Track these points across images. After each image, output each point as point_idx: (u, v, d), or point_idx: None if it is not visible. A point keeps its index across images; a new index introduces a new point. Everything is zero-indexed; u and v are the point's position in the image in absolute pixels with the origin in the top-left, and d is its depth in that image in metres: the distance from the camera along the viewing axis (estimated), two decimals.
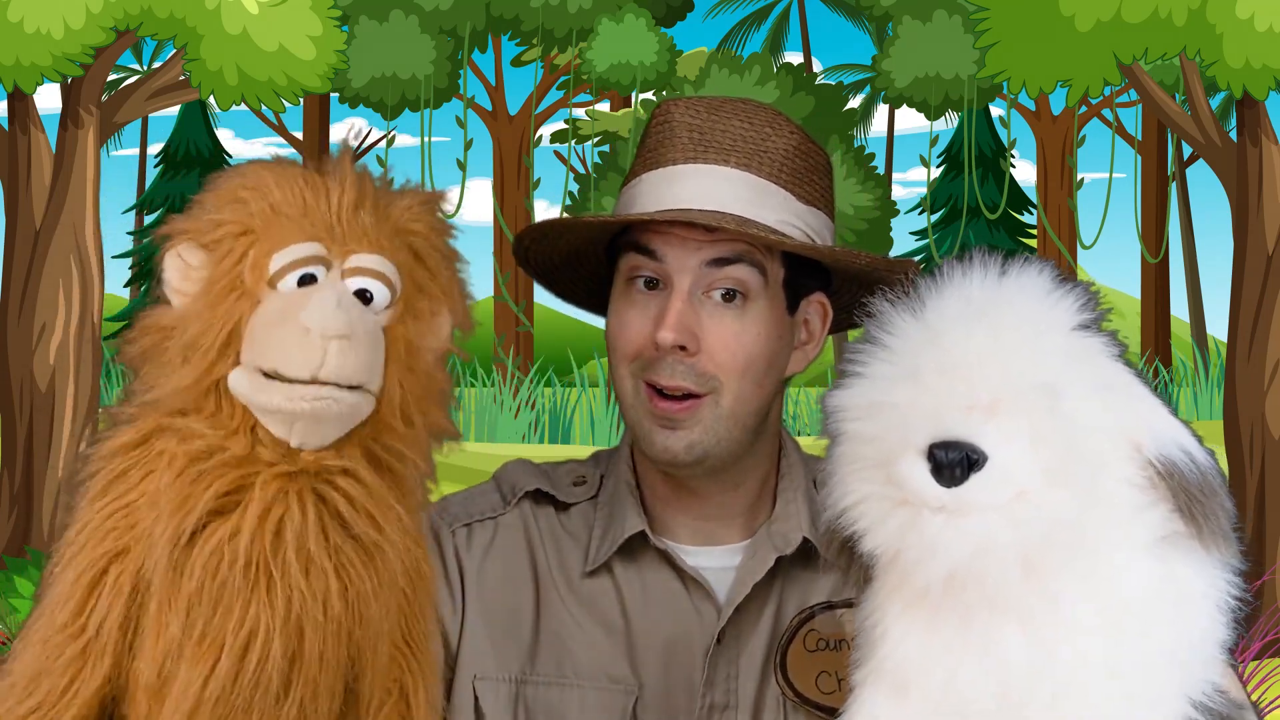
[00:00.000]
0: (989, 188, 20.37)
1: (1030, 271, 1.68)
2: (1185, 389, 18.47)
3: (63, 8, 8.94)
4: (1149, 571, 1.63)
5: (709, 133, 2.08)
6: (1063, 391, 1.59)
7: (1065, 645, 1.59)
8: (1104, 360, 1.65)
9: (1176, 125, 9.71)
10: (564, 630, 2.11)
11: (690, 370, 2.04)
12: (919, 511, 1.57)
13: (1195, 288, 20.87)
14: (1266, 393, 9.12)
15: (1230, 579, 1.67)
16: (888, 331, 1.65)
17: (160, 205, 20.89)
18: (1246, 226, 9.17)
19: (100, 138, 9.81)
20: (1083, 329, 1.66)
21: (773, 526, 2.12)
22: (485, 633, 2.11)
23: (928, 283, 1.67)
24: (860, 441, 1.63)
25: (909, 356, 1.62)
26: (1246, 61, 8.43)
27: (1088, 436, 1.60)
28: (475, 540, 2.15)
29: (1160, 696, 1.62)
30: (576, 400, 17.40)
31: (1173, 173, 19.50)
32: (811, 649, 2.03)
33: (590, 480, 2.19)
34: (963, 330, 1.61)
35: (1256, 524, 9.15)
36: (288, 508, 1.62)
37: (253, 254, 1.67)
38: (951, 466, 1.55)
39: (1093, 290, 1.70)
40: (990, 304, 1.64)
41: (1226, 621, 1.67)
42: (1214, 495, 1.64)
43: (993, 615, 1.60)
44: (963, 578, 1.57)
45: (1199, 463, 1.64)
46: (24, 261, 9.74)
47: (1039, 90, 8.95)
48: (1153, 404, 1.66)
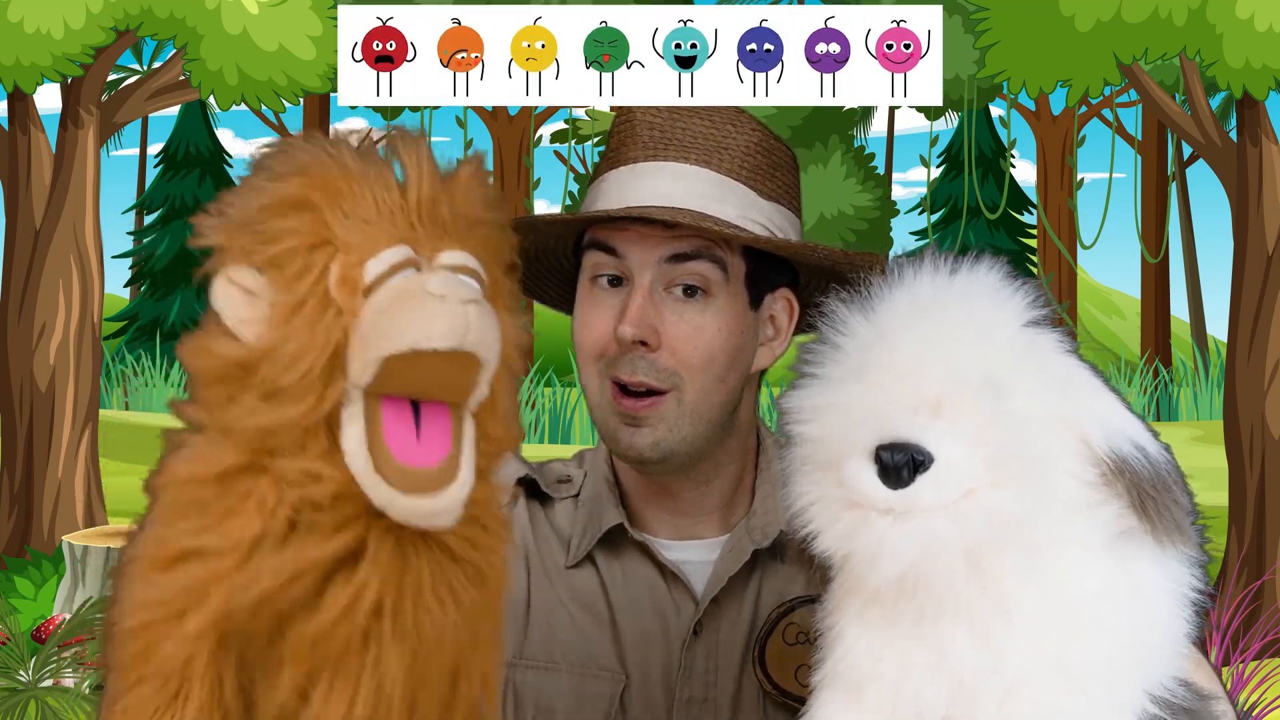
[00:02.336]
0: (989, 188, 20.39)
1: (980, 269, 1.67)
2: (1185, 389, 18.47)
3: (63, 8, 8.95)
4: (1103, 569, 1.62)
5: (669, 131, 2.08)
6: (1010, 388, 1.59)
7: (1014, 646, 1.59)
8: (1055, 355, 1.65)
9: (1176, 125, 9.71)
10: (553, 617, 2.12)
11: (651, 366, 2.05)
12: (867, 514, 1.57)
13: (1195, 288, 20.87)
14: (1266, 393, 9.13)
15: (1191, 571, 1.65)
16: (839, 331, 1.65)
17: (160, 205, 20.90)
18: (1246, 226, 9.17)
19: (100, 138, 9.82)
20: (1033, 325, 1.65)
21: (751, 521, 2.13)
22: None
23: (880, 282, 1.67)
24: (811, 443, 1.63)
25: (857, 356, 1.63)
26: (1246, 61, 8.43)
27: (1035, 433, 1.59)
28: None
29: (1117, 694, 1.62)
30: (576, 400, 17.40)
31: (1173, 173, 19.51)
32: (791, 642, 2.03)
33: (574, 479, 2.20)
34: (908, 329, 1.61)
35: (1256, 524, 9.16)
36: (406, 556, 1.49)
37: (339, 267, 1.48)
38: (898, 469, 1.54)
39: (1042, 286, 1.69)
40: (937, 302, 1.63)
41: (1189, 615, 1.65)
42: (1167, 490, 1.62)
43: (942, 617, 1.59)
44: (912, 579, 1.57)
45: (1151, 457, 1.63)
46: (24, 261, 9.74)
47: (1039, 90, 8.95)
48: (1106, 398, 1.66)
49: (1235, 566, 9.01)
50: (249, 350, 1.48)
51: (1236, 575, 8.96)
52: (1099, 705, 1.61)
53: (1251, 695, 6.51)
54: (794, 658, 2.02)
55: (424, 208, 1.52)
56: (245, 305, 1.49)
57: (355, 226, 1.49)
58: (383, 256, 1.47)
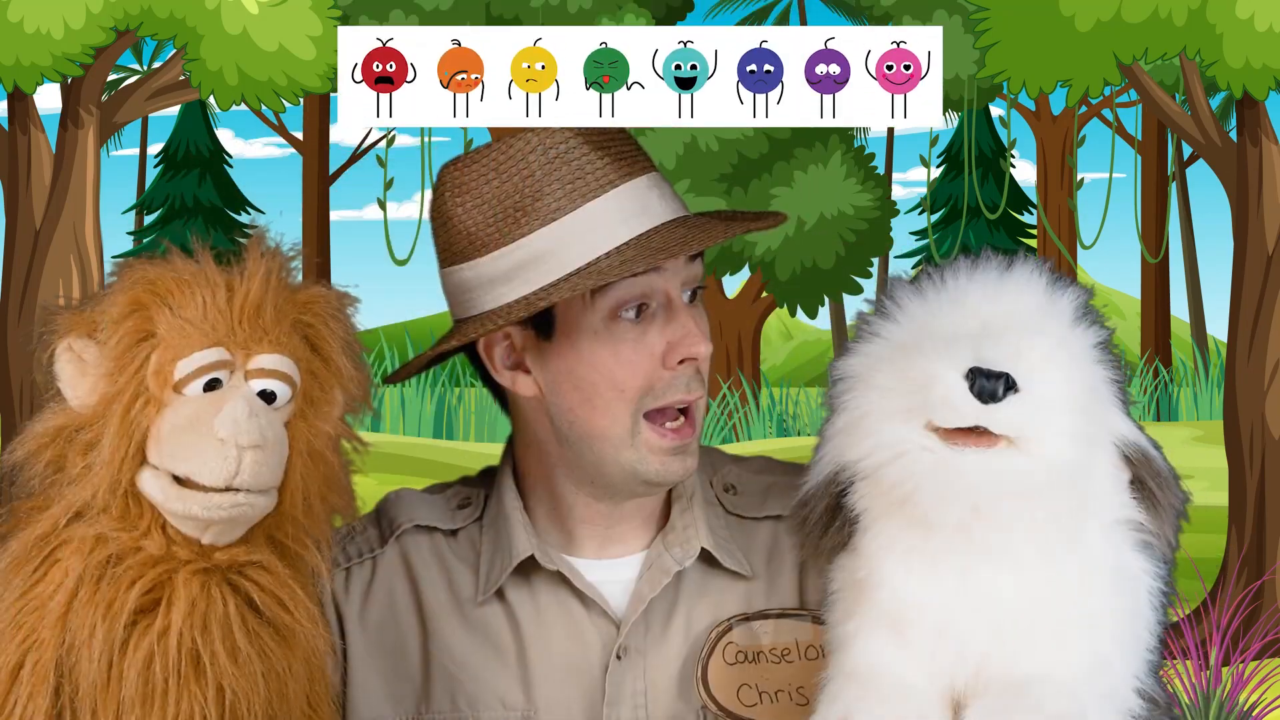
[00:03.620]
0: (989, 188, 20.37)
1: (1031, 263, 1.78)
2: (1185, 389, 18.46)
3: (63, 8, 8.94)
4: (1113, 553, 1.72)
5: (612, 146, 2.05)
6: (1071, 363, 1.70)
7: (1055, 596, 1.68)
8: (1096, 353, 1.75)
9: (1176, 125, 9.71)
10: (454, 662, 2.08)
11: (699, 377, 2.05)
12: (940, 452, 1.65)
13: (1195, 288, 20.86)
14: (1266, 393, 9.13)
15: (1161, 572, 1.75)
16: (896, 305, 1.74)
17: (160, 205, 20.89)
18: (1246, 226, 9.17)
19: (100, 138, 9.82)
20: (1079, 322, 1.75)
21: (668, 537, 2.10)
22: (376, 676, 2.09)
23: (930, 280, 1.76)
24: (882, 390, 1.69)
25: (927, 317, 1.72)
26: (1246, 61, 8.43)
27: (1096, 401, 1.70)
28: (354, 583, 2.11)
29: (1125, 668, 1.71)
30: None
31: (1173, 173, 19.50)
32: (731, 662, 2.01)
33: (475, 502, 2.15)
34: (981, 295, 1.72)
35: (1256, 524, 9.16)
36: (211, 600, 1.69)
37: (155, 359, 1.71)
38: (993, 383, 1.62)
39: (1086, 290, 1.81)
40: (1000, 283, 1.74)
41: (1157, 608, 1.75)
42: (1173, 488, 1.74)
43: (988, 561, 1.67)
44: (975, 516, 1.65)
45: (1163, 460, 1.75)
46: (24, 261, 9.74)
47: (1039, 90, 8.95)
48: (1121, 406, 1.75)
49: (1235, 566, 9.01)
50: (70, 416, 1.73)
51: (1236, 575, 8.97)
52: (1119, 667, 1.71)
53: (1251, 695, 6.51)
54: (735, 677, 2.00)
55: (247, 311, 1.73)
56: (79, 374, 1.74)
57: (177, 325, 1.71)
58: (193, 358, 1.70)
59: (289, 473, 1.73)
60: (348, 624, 2.10)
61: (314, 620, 1.78)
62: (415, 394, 16.44)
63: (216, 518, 1.69)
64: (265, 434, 1.68)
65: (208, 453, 1.66)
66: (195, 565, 1.71)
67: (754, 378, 16.33)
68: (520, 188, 2.02)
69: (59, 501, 1.72)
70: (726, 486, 2.15)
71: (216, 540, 1.72)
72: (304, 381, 1.75)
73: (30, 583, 1.70)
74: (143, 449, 1.70)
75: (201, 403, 1.69)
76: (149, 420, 1.70)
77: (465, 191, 2.04)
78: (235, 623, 1.70)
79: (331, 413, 1.79)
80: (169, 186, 20.88)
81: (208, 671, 1.68)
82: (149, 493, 1.70)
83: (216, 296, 1.73)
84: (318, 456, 1.77)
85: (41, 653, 1.68)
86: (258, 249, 1.78)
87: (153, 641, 1.67)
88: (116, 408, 1.70)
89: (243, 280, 1.75)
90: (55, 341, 1.76)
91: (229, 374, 1.72)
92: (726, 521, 2.13)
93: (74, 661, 1.67)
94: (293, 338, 1.76)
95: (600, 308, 2.01)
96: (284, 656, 1.73)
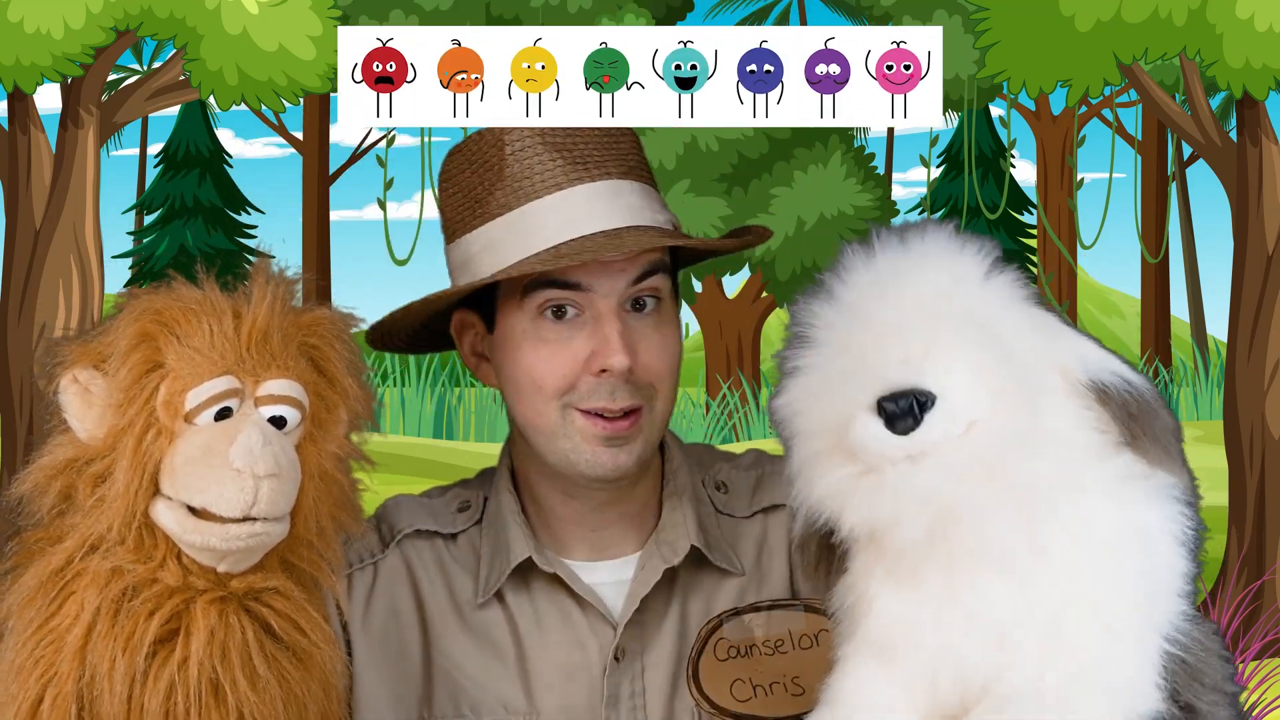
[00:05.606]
0: (989, 188, 20.37)
1: (929, 232, 1.70)
2: (1185, 389, 18.46)
3: (63, 8, 8.94)
4: (1114, 514, 1.65)
5: (575, 149, 2.06)
6: (989, 326, 1.63)
7: (1048, 590, 1.62)
8: (1022, 304, 1.68)
9: (1176, 125, 9.71)
10: (455, 666, 2.10)
11: (634, 388, 2.05)
12: (881, 474, 1.59)
13: (1195, 288, 20.85)
14: (1266, 393, 9.12)
15: (1185, 512, 1.68)
16: (809, 323, 1.68)
17: (160, 205, 20.88)
18: (1246, 226, 9.17)
19: (100, 138, 9.81)
20: (992, 274, 1.68)
21: (660, 536, 2.12)
22: (380, 681, 2.10)
23: (833, 270, 1.70)
24: (809, 435, 1.65)
25: (833, 336, 1.65)
26: (1246, 61, 8.43)
27: (1024, 359, 1.62)
28: (356, 588, 2.13)
29: (1140, 634, 1.64)
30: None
31: (1173, 173, 19.49)
32: (723, 658, 2.01)
33: (474, 504, 2.17)
34: (878, 297, 1.64)
35: (1256, 524, 9.16)
36: (229, 629, 1.70)
37: (165, 390, 1.71)
38: (903, 413, 1.57)
39: (994, 241, 1.72)
40: (898, 268, 1.67)
41: (1187, 554, 1.68)
42: (1153, 413, 1.66)
43: (976, 568, 1.62)
44: (941, 523, 1.59)
45: (1134, 383, 1.66)
46: (24, 261, 9.74)
47: (1039, 90, 8.95)
48: (1077, 336, 1.69)
49: (1235, 566, 9.01)
50: (79, 448, 1.73)
51: (1236, 575, 8.96)
52: (1128, 646, 1.63)
53: (1252, 695, 6.51)
54: (727, 673, 2.00)
55: (254, 338, 1.73)
56: (86, 405, 1.73)
57: (186, 355, 1.71)
58: (203, 388, 1.70)
59: (301, 496, 1.73)
60: (350, 629, 2.12)
61: (330, 642, 1.79)
62: (415, 394, 16.44)
63: (235, 548, 1.69)
64: (280, 461, 1.68)
65: (224, 483, 1.66)
66: (212, 594, 1.71)
67: (754, 378, 16.33)
68: (480, 181, 2.08)
69: (72, 534, 1.72)
70: (718, 485, 2.16)
71: (233, 568, 1.72)
72: (311, 404, 1.76)
73: (46, 616, 1.70)
74: (155, 480, 1.70)
75: (214, 432, 1.69)
76: (161, 452, 1.70)
77: (447, 178, 2.11)
78: (254, 649, 1.71)
79: (338, 433, 1.80)
80: (169, 186, 20.86)
81: (229, 699, 1.69)
82: (164, 524, 1.70)
83: (224, 324, 1.74)
84: (328, 478, 1.78)
85: (61, 686, 1.68)
86: (262, 275, 1.79)
87: (173, 672, 1.68)
88: (128, 440, 1.70)
89: (249, 307, 1.76)
90: (60, 374, 1.75)
91: (239, 402, 1.72)
92: (718, 520, 2.13)
93: (95, 694, 1.67)
94: (299, 361, 1.76)
95: (528, 307, 2.05)
96: (302, 679, 1.74)
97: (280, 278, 1.79)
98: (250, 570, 1.73)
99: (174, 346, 1.72)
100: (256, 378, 1.73)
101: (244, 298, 1.77)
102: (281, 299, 1.78)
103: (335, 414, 1.79)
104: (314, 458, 1.76)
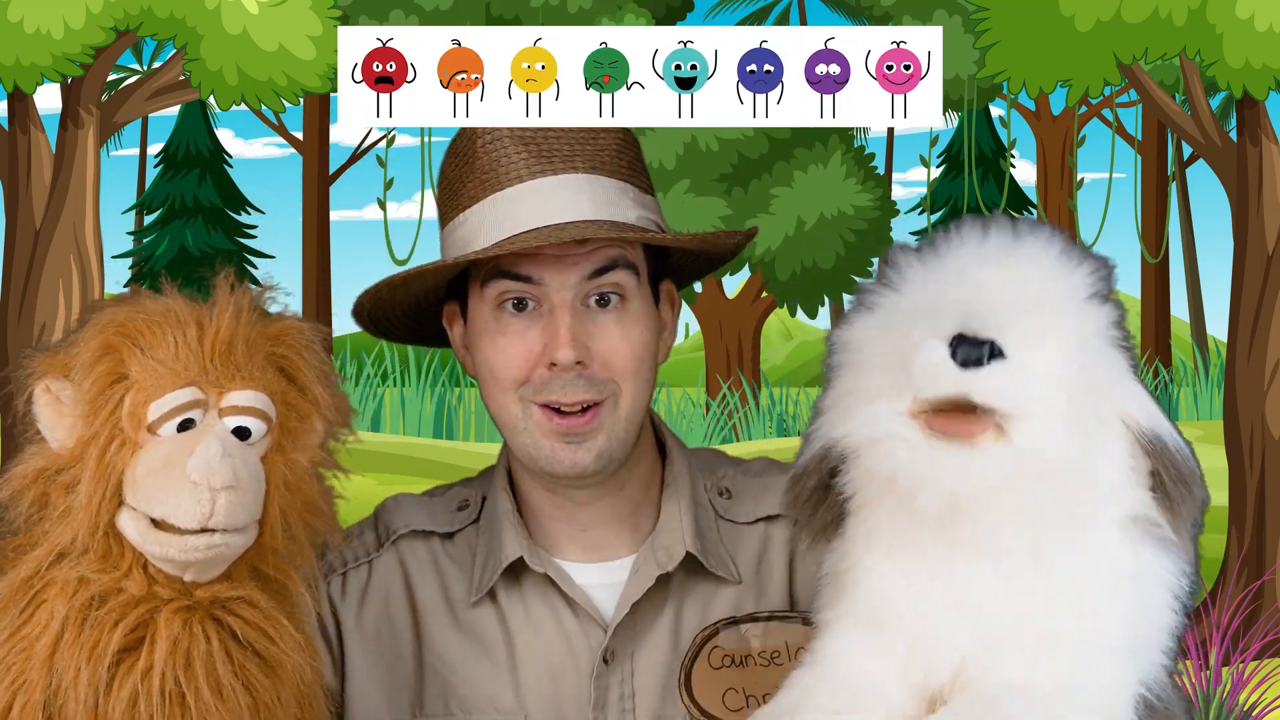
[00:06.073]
0: (989, 188, 20.38)
1: (1047, 232, 1.68)
2: (1185, 389, 18.46)
3: (63, 8, 8.93)
4: (1122, 550, 1.64)
5: (544, 143, 2.06)
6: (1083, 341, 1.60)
7: (1046, 601, 1.60)
8: (1109, 338, 1.65)
9: (1176, 125, 9.71)
10: (446, 665, 2.10)
11: (589, 382, 2.04)
12: (920, 444, 1.56)
13: (1195, 288, 20.86)
14: (1266, 393, 9.12)
15: (1185, 572, 1.67)
16: (902, 271, 1.66)
17: (160, 205, 20.88)
18: (1246, 226, 9.17)
19: (100, 138, 9.81)
20: (1094, 299, 1.65)
21: (655, 540, 2.11)
22: (373, 679, 2.11)
23: (942, 236, 1.68)
24: (862, 368, 1.64)
25: (926, 286, 1.63)
26: (1246, 61, 8.43)
27: (1100, 385, 1.60)
28: (350, 587, 2.14)
29: (1124, 674, 1.63)
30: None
31: (1173, 173, 19.49)
32: (716, 666, 1.99)
33: (472, 503, 2.17)
34: (984, 262, 1.63)
35: (1256, 524, 9.16)
36: (193, 638, 1.71)
37: (129, 401, 1.72)
38: (977, 345, 1.54)
39: (1110, 266, 1.69)
40: (1012, 249, 1.65)
41: (1179, 610, 1.67)
42: (1194, 485, 1.64)
43: (973, 557, 1.60)
44: (958, 510, 1.57)
45: (1184, 449, 1.64)
46: (24, 261, 9.73)
47: (1039, 90, 8.95)
48: (1140, 388, 1.66)
49: (1235, 566, 9.01)
50: (50, 458, 1.73)
51: (1236, 575, 8.96)
52: (1115, 674, 1.62)
53: (1251, 695, 6.50)
54: (721, 682, 1.99)
55: (218, 349, 1.74)
56: (57, 415, 1.74)
57: (149, 366, 1.73)
58: (165, 399, 1.71)
59: (268, 505, 1.74)
60: (344, 627, 2.12)
61: (301, 649, 1.79)
62: (415, 394, 16.44)
63: (194, 559, 1.70)
64: (239, 473, 1.68)
65: (181, 495, 1.67)
66: (177, 604, 1.72)
67: (754, 378, 16.33)
68: (458, 174, 2.09)
69: (42, 542, 1.73)
70: (721, 490, 2.15)
71: (198, 578, 1.73)
72: (280, 413, 1.76)
73: (18, 624, 1.71)
74: (120, 490, 1.71)
75: (175, 444, 1.70)
76: (124, 463, 1.71)
77: (441, 170, 2.13)
78: (219, 659, 1.71)
79: (310, 442, 1.80)
80: (169, 186, 20.87)
81: (192, 709, 1.69)
82: (127, 534, 1.71)
83: (187, 335, 1.74)
84: (295, 488, 1.78)
85: (30, 694, 1.69)
86: (226, 286, 1.79)
87: (136, 681, 1.68)
88: (93, 450, 1.72)
89: (212, 318, 1.76)
90: (32, 384, 1.76)
91: (202, 413, 1.73)
92: (718, 525, 2.13)
93: (61, 703, 1.69)
94: (266, 371, 1.77)
95: (488, 299, 2.07)
96: (272, 688, 1.75)
97: (244, 288, 1.80)
98: (217, 579, 1.74)
99: (137, 358, 1.73)
100: (220, 388, 1.73)
101: (208, 309, 1.78)
102: (246, 309, 1.78)
103: (308, 423, 1.79)
104: (280, 467, 1.76)
